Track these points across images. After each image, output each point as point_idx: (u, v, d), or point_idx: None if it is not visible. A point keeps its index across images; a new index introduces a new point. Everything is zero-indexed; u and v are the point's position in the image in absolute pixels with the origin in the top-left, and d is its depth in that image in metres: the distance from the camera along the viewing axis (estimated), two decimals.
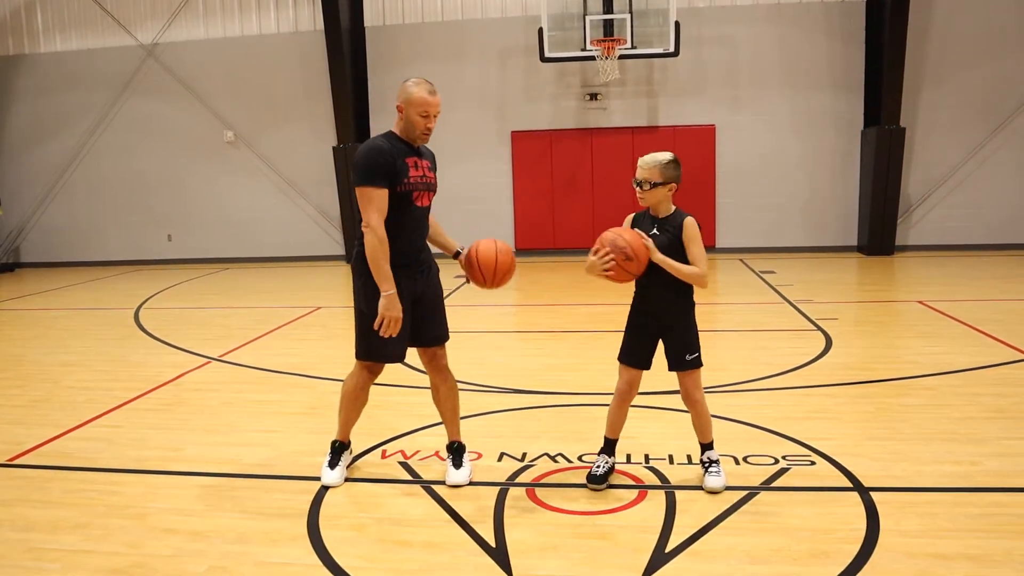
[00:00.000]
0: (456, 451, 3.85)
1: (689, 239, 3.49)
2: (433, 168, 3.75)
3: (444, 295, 3.87)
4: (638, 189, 3.53)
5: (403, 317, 3.54)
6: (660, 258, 3.45)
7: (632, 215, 3.67)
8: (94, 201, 14.86)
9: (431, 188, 3.68)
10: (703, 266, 3.50)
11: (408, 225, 3.58)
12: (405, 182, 3.52)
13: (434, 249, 3.87)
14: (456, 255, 3.81)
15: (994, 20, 12.36)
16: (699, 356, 3.59)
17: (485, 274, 3.68)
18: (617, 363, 3.69)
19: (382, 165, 3.46)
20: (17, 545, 3.27)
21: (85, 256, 15.03)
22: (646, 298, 3.61)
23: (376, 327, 3.48)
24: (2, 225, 15.05)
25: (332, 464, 3.83)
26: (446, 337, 3.85)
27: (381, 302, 3.46)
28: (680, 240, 3.49)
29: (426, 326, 3.73)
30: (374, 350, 3.63)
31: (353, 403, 3.82)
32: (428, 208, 3.70)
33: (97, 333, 8.14)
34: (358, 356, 3.69)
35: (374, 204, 3.44)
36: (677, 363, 3.58)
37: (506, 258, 3.69)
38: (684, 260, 3.49)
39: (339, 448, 3.87)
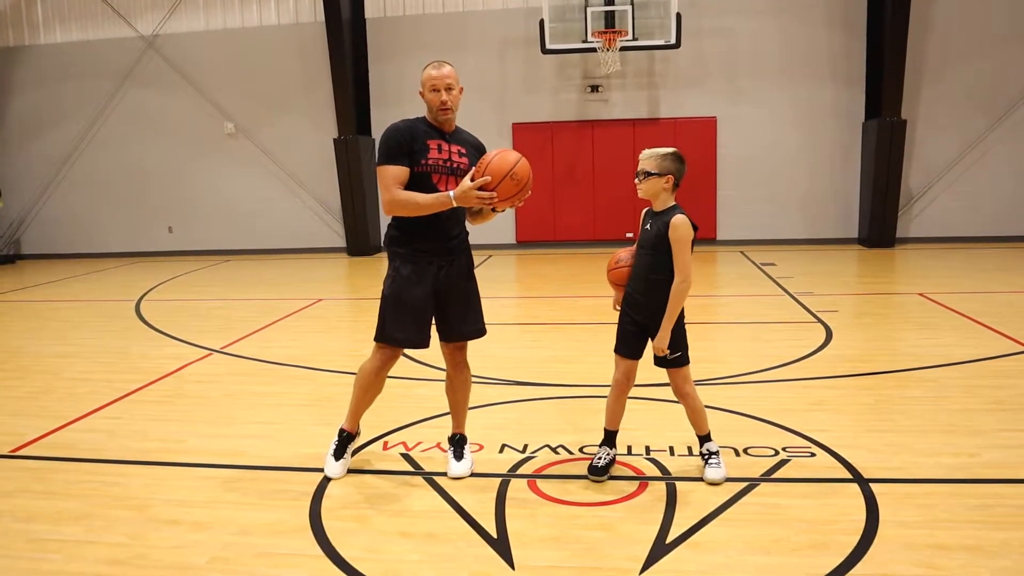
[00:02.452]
0: (458, 443, 3.86)
1: (675, 241, 3.41)
2: (470, 154, 3.61)
3: (477, 288, 3.75)
4: (636, 180, 3.54)
5: (418, 304, 3.54)
6: (663, 335, 3.46)
7: (645, 211, 3.67)
8: (94, 193, 14.86)
9: (457, 173, 3.53)
10: (683, 276, 3.42)
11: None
12: (422, 163, 3.50)
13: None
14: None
15: (995, 12, 12.33)
16: (683, 355, 3.56)
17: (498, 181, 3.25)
18: (614, 354, 3.70)
19: (398, 143, 3.48)
20: (19, 536, 3.28)
21: (86, 248, 15.04)
22: (628, 296, 3.62)
23: (486, 195, 3.27)
24: (3, 217, 15.05)
25: (337, 455, 3.82)
26: (478, 334, 3.76)
27: (457, 198, 3.32)
28: (666, 236, 3.44)
29: (454, 320, 3.69)
30: (387, 333, 3.61)
31: (365, 388, 3.76)
32: None
33: (98, 325, 8.15)
34: (375, 337, 3.67)
35: (388, 178, 3.45)
36: (660, 360, 3.58)
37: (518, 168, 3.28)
38: (668, 254, 3.45)
39: (346, 438, 3.86)
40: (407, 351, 5.41)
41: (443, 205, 3.40)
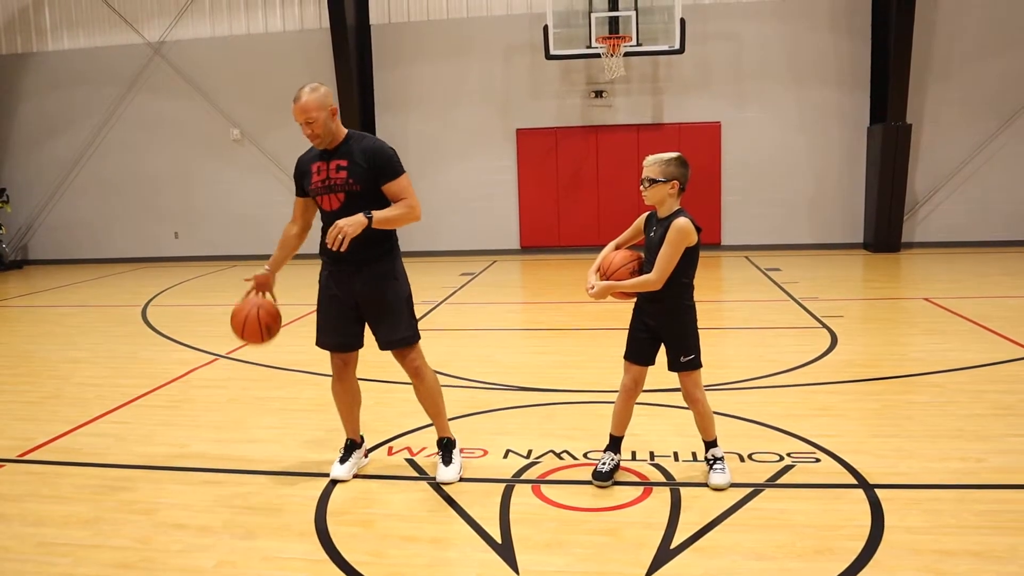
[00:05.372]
0: (445, 447, 3.87)
1: (669, 240, 3.41)
2: (351, 164, 3.54)
3: (395, 299, 3.70)
4: (642, 187, 3.54)
5: (331, 310, 3.73)
6: (610, 284, 3.51)
7: (645, 215, 3.68)
8: (101, 198, 14.92)
9: (335, 190, 3.57)
10: (658, 272, 3.42)
11: (324, 228, 3.58)
12: (308, 189, 3.69)
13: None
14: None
15: (1000, 15, 12.31)
16: (696, 358, 3.57)
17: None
18: (623, 360, 3.70)
19: (296, 175, 3.79)
20: (28, 540, 3.30)
21: (93, 253, 15.10)
22: (641, 303, 3.63)
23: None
24: (10, 222, 15.12)
25: (342, 460, 3.89)
26: (398, 343, 3.72)
27: None
28: None
29: (376, 330, 3.75)
30: (317, 338, 3.82)
31: (334, 396, 3.92)
32: (339, 212, 3.56)
33: (105, 330, 8.19)
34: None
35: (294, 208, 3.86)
36: (673, 364, 3.59)
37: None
38: (679, 259, 3.47)
39: (349, 445, 3.92)
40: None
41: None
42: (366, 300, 3.68)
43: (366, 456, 4.05)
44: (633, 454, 4.01)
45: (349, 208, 3.54)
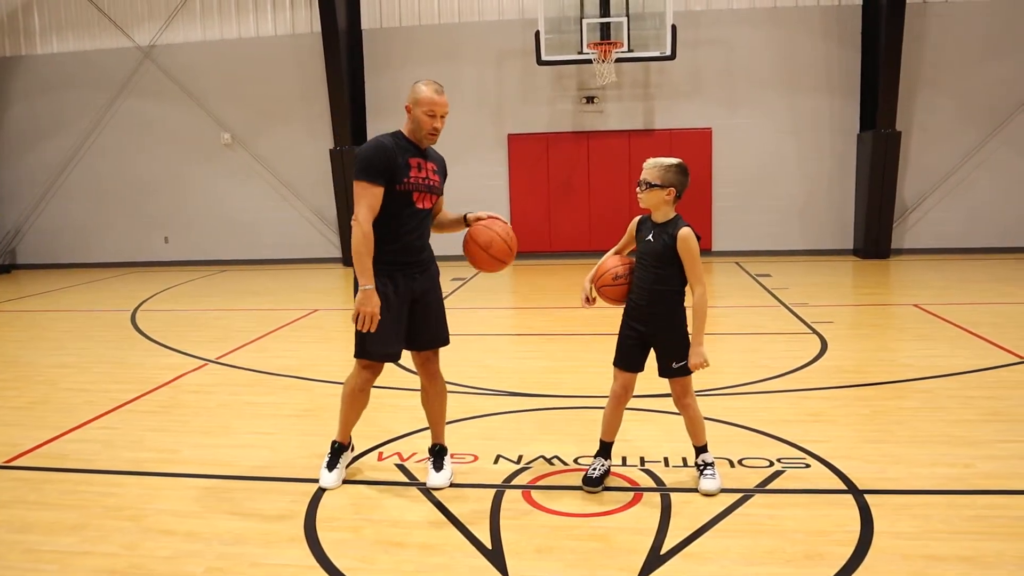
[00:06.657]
0: (437, 453, 3.87)
1: (688, 252, 3.46)
2: (440, 172, 3.75)
3: (442, 298, 3.87)
4: (638, 189, 3.56)
5: (398, 316, 3.57)
6: (697, 350, 3.50)
7: (637, 219, 3.68)
8: (91, 202, 14.85)
9: (433, 191, 3.66)
10: (703, 286, 3.51)
11: (407, 225, 3.58)
12: (405, 181, 3.53)
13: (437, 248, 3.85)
14: (464, 220, 3.81)
15: (989, 24, 12.42)
16: (687, 364, 3.58)
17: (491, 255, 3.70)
18: (612, 367, 3.71)
19: (382, 162, 3.48)
20: (14, 546, 3.27)
21: (82, 258, 15.02)
22: (632, 308, 3.63)
23: (352, 320, 3.50)
24: None
25: (331, 466, 3.84)
26: (444, 341, 3.83)
27: (358, 296, 3.46)
28: (674, 248, 3.47)
29: (424, 328, 3.72)
30: (368, 348, 3.63)
31: (352, 404, 3.81)
32: (430, 210, 3.70)
33: (94, 335, 8.14)
34: (355, 354, 3.70)
35: (366, 200, 3.46)
36: (664, 370, 3.60)
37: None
38: (675, 266, 3.51)
39: (338, 449, 3.88)
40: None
41: (360, 281, 3.48)
42: (432, 297, 3.72)
43: (351, 460, 4.03)
44: (623, 459, 4.01)
45: (431, 210, 3.68)
